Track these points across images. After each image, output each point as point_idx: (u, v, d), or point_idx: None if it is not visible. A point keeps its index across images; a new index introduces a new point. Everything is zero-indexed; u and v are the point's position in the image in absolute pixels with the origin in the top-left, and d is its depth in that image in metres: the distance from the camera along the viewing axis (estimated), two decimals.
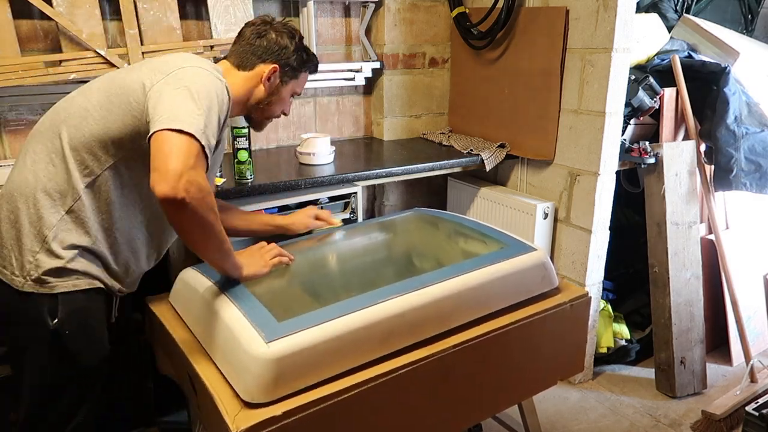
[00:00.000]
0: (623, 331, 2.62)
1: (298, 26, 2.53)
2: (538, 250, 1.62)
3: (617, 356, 2.65)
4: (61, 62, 1.98)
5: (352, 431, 1.28)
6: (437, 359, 1.36)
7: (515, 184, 2.68)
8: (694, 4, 2.94)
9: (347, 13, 2.64)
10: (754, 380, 2.39)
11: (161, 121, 1.18)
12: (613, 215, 2.41)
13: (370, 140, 2.82)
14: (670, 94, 2.43)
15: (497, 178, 2.76)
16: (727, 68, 2.39)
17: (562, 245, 2.50)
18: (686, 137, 2.51)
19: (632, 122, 2.44)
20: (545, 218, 2.44)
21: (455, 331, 1.43)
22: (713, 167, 2.48)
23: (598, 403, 2.44)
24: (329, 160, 2.31)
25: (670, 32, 2.67)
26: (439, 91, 2.90)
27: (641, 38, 2.49)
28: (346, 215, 2.18)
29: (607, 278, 2.55)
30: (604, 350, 2.59)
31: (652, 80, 2.35)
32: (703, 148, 2.52)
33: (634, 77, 2.31)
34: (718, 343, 2.75)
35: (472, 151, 2.50)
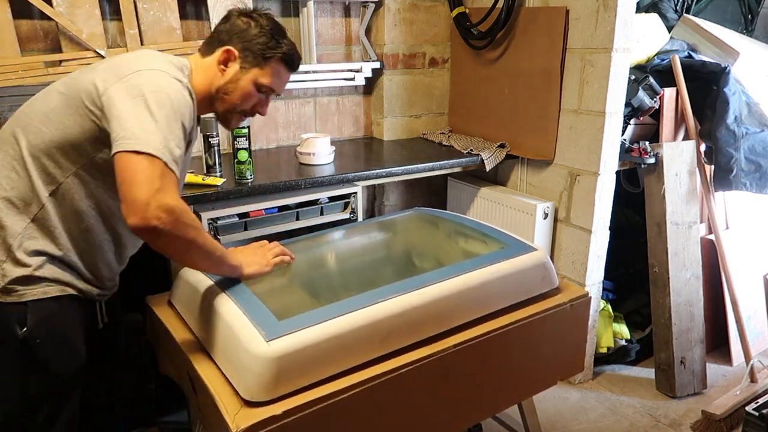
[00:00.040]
0: (623, 331, 2.62)
1: (298, 26, 2.53)
2: (538, 250, 1.62)
3: (617, 356, 2.65)
4: (61, 62, 1.99)
5: (351, 430, 1.28)
6: (437, 359, 1.36)
7: (515, 184, 2.68)
8: (694, 4, 2.94)
9: (347, 13, 2.65)
10: (754, 380, 2.39)
11: (119, 141, 1.13)
12: (613, 215, 2.41)
13: (370, 140, 2.82)
14: (670, 94, 2.44)
15: (497, 178, 2.76)
16: (727, 68, 2.39)
17: (562, 245, 2.50)
18: (686, 137, 2.52)
19: (632, 122, 2.44)
20: (545, 218, 2.44)
21: (455, 330, 1.43)
22: (713, 167, 2.48)
23: (598, 403, 2.44)
24: (329, 160, 2.31)
25: (670, 32, 2.67)
26: (439, 91, 2.91)
27: (641, 38, 2.49)
28: (346, 215, 2.18)
29: (607, 278, 2.56)
30: (604, 350, 2.59)
31: (652, 80, 2.35)
32: (703, 148, 2.52)
33: (634, 77, 2.31)
34: (718, 343, 2.75)
35: (472, 151, 2.50)
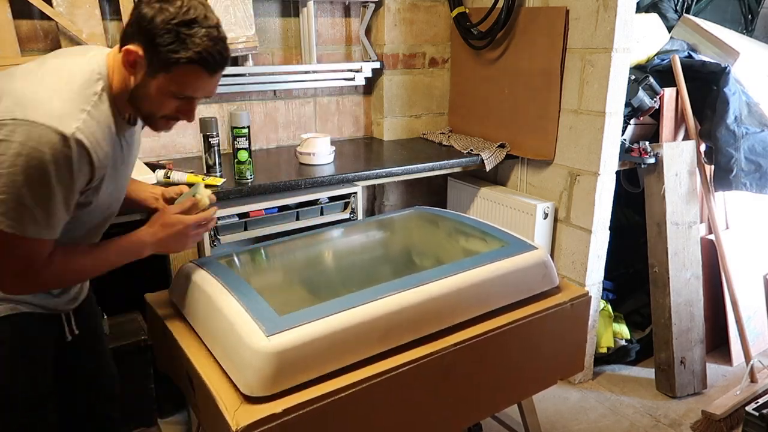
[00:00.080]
0: (623, 331, 2.62)
1: (298, 26, 2.52)
2: (538, 248, 1.62)
3: (617, 356, 2.65)
4: None
5: (351, 429, 1.28)
6: (437, 357, 1.36)
7: (515, 184, 2.68)
8: (694, 4, 2.94)
9: (347, 13, 2.65)
10: (754, 380, 2.39)
11: None
12: (613, 215, 2.41)
13: (370, 140, 2.82)
14: (670, 94, 2.44)
15: (497, 178, 2.76)
16: (727, 68, 2.39)
17: (562, 245, 2.50)
18: (686, 137, 2.52)
19: (632, 122, 2.44)
20: (545, 218, 2.44)
21: (456, 329, 1.43)
22: (713, 167, 2.48)
23: (598, 403, 2.44)
24: (329, 160, 2.31)
25: (670, 32, 2.67)
26: (439, 91, 2.91)
27: (641, 38, 2.49)
28: (346, 215, 2.18)
29: (607, 278, 2.55)
30: (604, 350, 2.59)
31: (652, 80, 2.35)
32: (703, 148, 2.52)
33: (634, 77, 2.31)
34: (718, 343, 2.75)
35: (472, 151, 2.51)
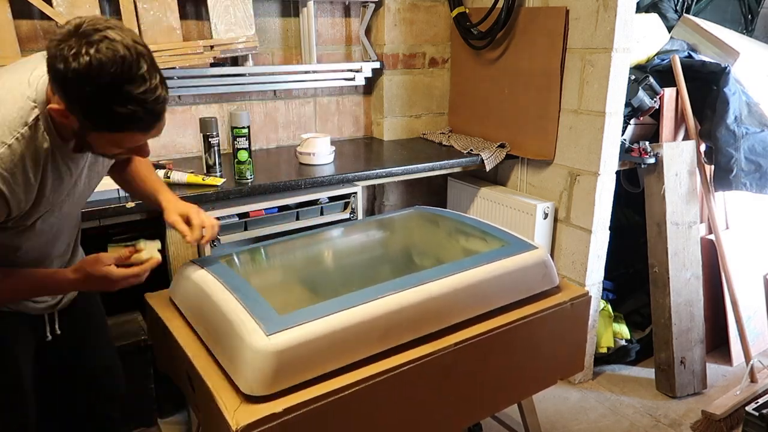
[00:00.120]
0: (623, 331, 2.62)
1: (298, 26, 2.52)
2: (538, 248, 1.62)
3: (617, 356, 2.65)
4: None
5: (351, 428, 1.28)
6: (438, 357, 1.36)
7: (515, 184, 2.68)
8: (694, 4, 2.94)
9: (347, 13, 2.65)
10: (754, 380, 2.39)
11: None
12: (613, 215, 2.41)
13: (370, 140, 2.82)
14: (670, 94, 2.44)
15: (497, 178, 2.76)
16: (727, 68, 2.39)
17: (562, 245, 2.50)
18: (686, 137, 2.52)
19: (632, 122, 2.44)
20: (545, 218, 2.44)
21: (456, 328, 1.43)
22: (713, 167, 2.48)
23: (598, 403, 2.44)
24: (329, 160, 2.31)
25: (670, 32, 2.67)
26: (439, 91, 2.91)
27: (641, 38, 2.49)
28: (346, 215, 2.18)
29: (607, 278, 2.55)
30: (604, 350, 2.59)
31: (652, 80, 2.35)
32: (703, 148, 2.52)
33: (634, 77, 2.31)
34: (718, 343, 2.75)
35: (472, 151, 2.51)
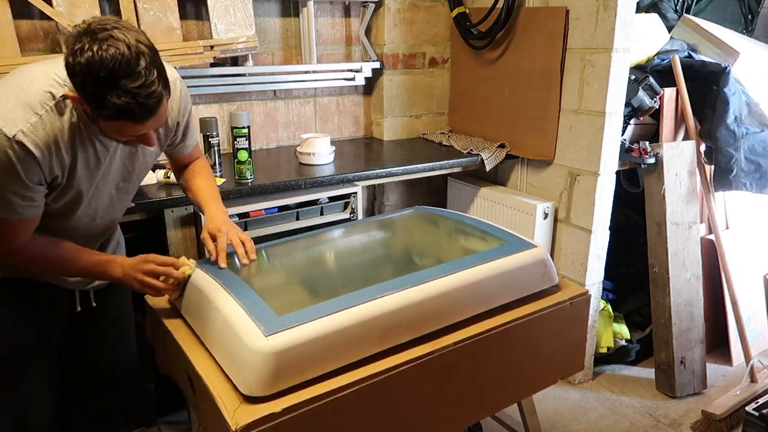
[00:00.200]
0: (623, 331, 2.62)
1: (298, 26, 2.52)
2: (538, 246, 1.62)
3: (617, 356, 2.65)
4: None
5: (350, 428, 1.28)
6: (437, 357, 1.36)
7: (515, 184, 2.68)
8: (694, 4, 2.94)
9: (347, 13, 2.65)
10: (754, 380, 2.39)
11: None
12: (613, 215, 2.41)
13: (370, 140, 2.82)
14: (670, 94, 2.44)
15: (497, 178, 2.76)
16: (727, 68, 2.39)
17: (562, 245, 2.50)
18: (686, 137, 2.52)
19: (632, 122, 2.44)
20: (545, 218, 2.44)
21: (455, 328, 1.43)
22: (713, 167, 2.48)
23: (598, 403, 2.44)
24: (329, 160, 2.31)
25: (670, 32, 2.67)
26: (439, 91, 2.91)
27: (641, 38, 2.49)
28: (346, 215, 2.18)
29: (607, 278, 2.55)
30: (604, 350, 2.59)
31: (652, 80, 2.35)
32: (703, 148, 2.52)
33: (634, 77, 2.31)
34: (718, 343, 2.75)
35: (472, 151, 2.51)
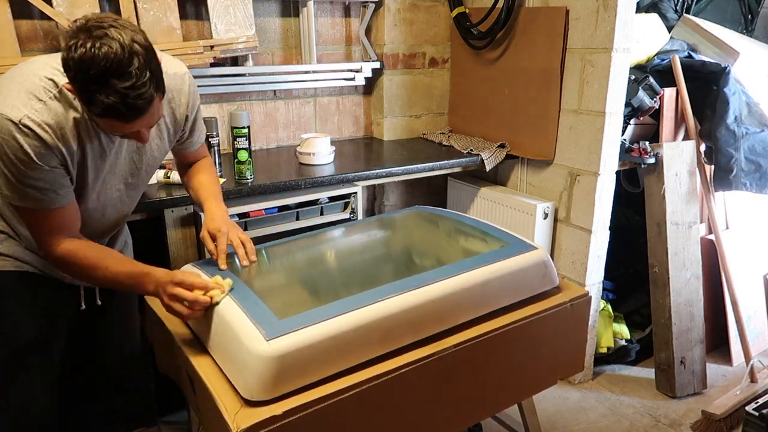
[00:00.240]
0: (623, 331, 2.62)
1: (298, 26, 2.52)
2: (538, 248, 1.62)
3: (617, 356, 2.65)
4: None
5: (352, 430, 1.28)
6: (438, 358, 1.36)
7: (515, 184, 2.68)
8: (694, 4, 2.94)
9: (347, 13, 2.65)
10: (754, 380, 2.39)
11: None
12: (613, 215, 2.41)
13: (370, 140, 2.82)
14: (670, 94, 2.43)
15: (497, 178, 2.76)
16: (727, 68, 2.39)
17: (562, 245, 2.50)
18: (686, 137, 2.52)
19: (632, 122, 2.44)
20: (545, 218, 2.44)
21: (456, 329, 1.43)
22: (713, 167, 2.48)
23: (598, 403, 2.44)
24: (329, 160, 2.31)
25: (670, 32, 2.67)
26: (439, 91, 2.91)
27: (641, 38, 2.49)
28: (346, 215, 2.18)
29: (607, 278, 2.55)
30: (604, 350, 2.59)
31: (652, 80, 2.35)
32: (703, 148, 2.52)
33: (634, 77, 2.31)
34: (718, 343, 2.75)
35: (472, 151, 2.50)
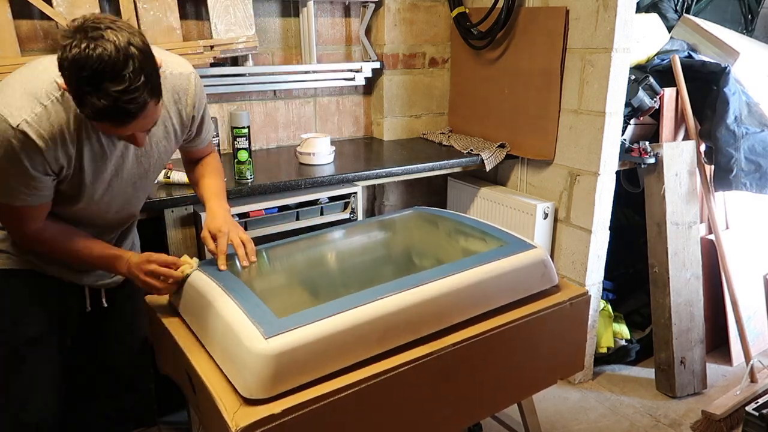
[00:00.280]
0: (623, 331, 2.62)
1: (298, 26, 2.52)
2: (537, 247, 1.62)
3: (617, 356, 2.65)
4: None
5: (351, 430, 1.28)
6: (437, 357, 1.36)
7: (515, 184, 2.68)
8: (694, 4, 2.94)
9: (347, 13, 2.65)
10: (754, 380, 2.39)
11: None
12: (613, 215, 2.41)
13: (370, 140, 2.82)
14: (670, 94, 2.43)
15: (497, 178, 2.76)
16: (727, 68, 2.39)
17: (562, 245, 2.50)
18: (686, 137, 2.51)
19: (632, 122, 2.44)
20: (545, 218, 2.44)
21: (455, 328, 1.43)
22: (713, 167, 2.48)
23: (598, 403, 2.44)
24: (329, 160, 2.31)
25: (670, 32, 2.67)
26: (439, 91, 2.91)
27: (641, 38, 2.49)
28: (346, 215, 2.18)
29: (607, 278, 2.55)
30: (604, 350, 2.59)
31: (652, 80, 2.35)
32: (703, 148, 2.52)
33: (634, 77, 2.31)
34: (718, 343, 2.75)
35: (472, 151, 2.51)
